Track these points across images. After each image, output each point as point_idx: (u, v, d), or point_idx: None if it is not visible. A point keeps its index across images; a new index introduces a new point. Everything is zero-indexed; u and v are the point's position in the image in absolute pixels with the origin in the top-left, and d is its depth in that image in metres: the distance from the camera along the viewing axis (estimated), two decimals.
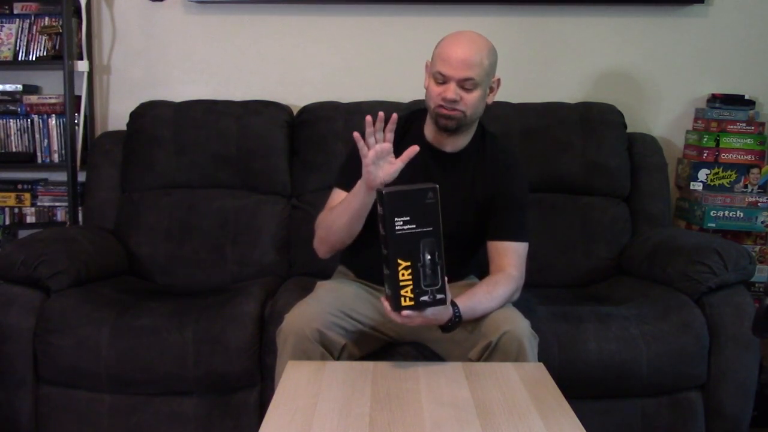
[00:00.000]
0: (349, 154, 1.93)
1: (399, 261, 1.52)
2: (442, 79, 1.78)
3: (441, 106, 1.79)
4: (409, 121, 1.95)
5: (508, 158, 1.93)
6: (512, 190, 1.89)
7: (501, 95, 2.68)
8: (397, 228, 1.51)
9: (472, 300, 1.73)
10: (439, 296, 1.56)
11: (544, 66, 2.84)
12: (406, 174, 1.77)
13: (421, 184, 1.55)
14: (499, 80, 1.88)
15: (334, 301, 1.80)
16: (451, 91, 1.76)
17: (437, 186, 1.54)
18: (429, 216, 1.53)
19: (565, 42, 2.83)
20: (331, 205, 1.91)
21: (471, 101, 1.78)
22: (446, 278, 1.58)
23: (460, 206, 1.88)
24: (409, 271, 1.53)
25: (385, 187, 1.53)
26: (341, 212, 1.81)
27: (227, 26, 2.85)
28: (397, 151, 1.89)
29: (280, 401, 1.40)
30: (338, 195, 1.91)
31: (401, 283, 1.53)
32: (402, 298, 1.54)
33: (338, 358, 1.73)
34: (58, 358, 2.05)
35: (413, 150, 1.70)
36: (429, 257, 1.53)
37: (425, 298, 1.54)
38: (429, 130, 1.91)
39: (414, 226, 1.52)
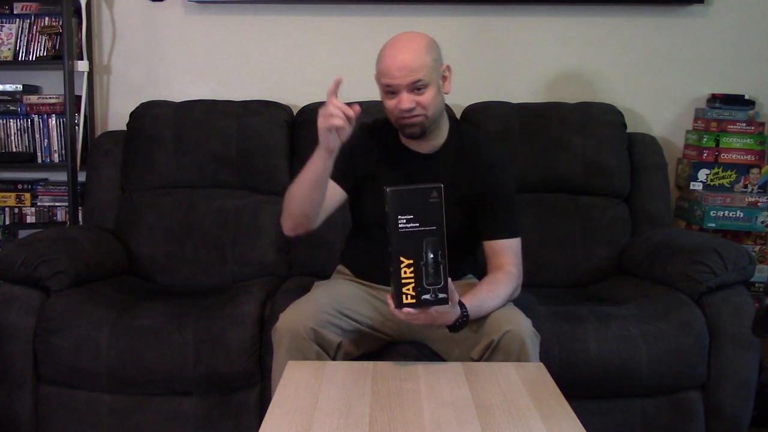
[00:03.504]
0: (337, 161, 1.93)
1: (401, 259, 1.52)
2: (392, 90, 1.77)
3: (402, 117, 1.78)
4: (383, 128, 1.93)
5: (491, 154, 1.90)
6: (499, 187, 1.87)
7: (501, 95, 2.72)
8: (400, 226, 1.51)
9: (477, 298, 1.72)
10: (441, 295, 1.56)
11: (544, 66, 2.84)
12: (385, 181, 1.72)
13: (426, 183, 1.55)
14: (448, 67, 1.84)
15: (330, 300, 1.80)
16: (405, 100, 1.75)
17: (442, 186, 1.53)
18: (433, 215, 1.52)
19: (565, 42, 2.83)
20: None
21: (427, 101, 1.76)
22: (449, 278, 1.58)
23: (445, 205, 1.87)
24: (412, 269, 1.53)
25: (390, 186, 1.53)
26: (302, 180, 1.78)
27: (227, 26, 2.85)
28: (377, 160, 1.89)
29: (280, 401, 1.40)
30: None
31: (403, 281, 1.53)
32: (404, 296, 1.54)
33: (334, 357, 1.72)
34: (58, 358, 2.05)
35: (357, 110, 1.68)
36: (432, 256, 1.53)
37: (427, 296, 1.54)
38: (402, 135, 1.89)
39: (417, 224, 1.52)
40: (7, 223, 2.86)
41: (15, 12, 2.84)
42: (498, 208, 1.87)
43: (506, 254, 1.85)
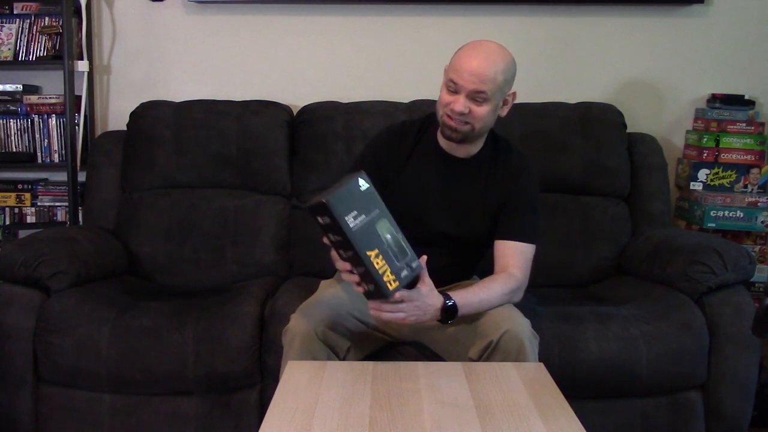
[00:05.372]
0: (363, 155, 1.95)
1: (368, 253, 1.52)
2: (454, 88, 1.76)
3: (449, 116, 1.78)
4: (422, 127, 1.94)
5: (521, 162, 1.92)
6: (522, 192, 1.88)
7: None
8: (351, 225, 1.51)
9: (467, 291, 1.73)
10: (414, 264, 1.58)
11: (544, 66, 2.84)
12: (419, 179, 1.81)
13: (347, 176, 1.56)
14: (514, 94, 1.85)
15: (340, 301, 1.80)
16: (461, 103, 1.74)
17: (363, 171, 1.56)
18: (370, 201, 1.54)
19: (565, 42, 2.83)
20: None
21: (480, 114, 1.76)
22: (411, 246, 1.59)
23: (472, 211, 1.88)
24: (381, 257, 1.53)
25: (313, 196, 1.52)
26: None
27: (227, 26, 2.85)
28: (412, 157, 1.89)
29: (280, 401, 1.40)
30: None
31: (380, 271, 1.53)
32: (387, 284, 1.54)
33: (343, 359, 1.73)
34: (58, 358, 2.05)
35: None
36: (389, 237, 1.55)
37: (405, 272, 1.56)
38: (441, 137, 1.90)
39: (364, 216, 1.52)
40: (7, 223, 2.86)
41: (15, 12, 2.84)
42: (516, 211, 1.87)
43: (514, 257, 1.83)
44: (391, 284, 1.54)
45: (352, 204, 1.50)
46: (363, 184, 1.53)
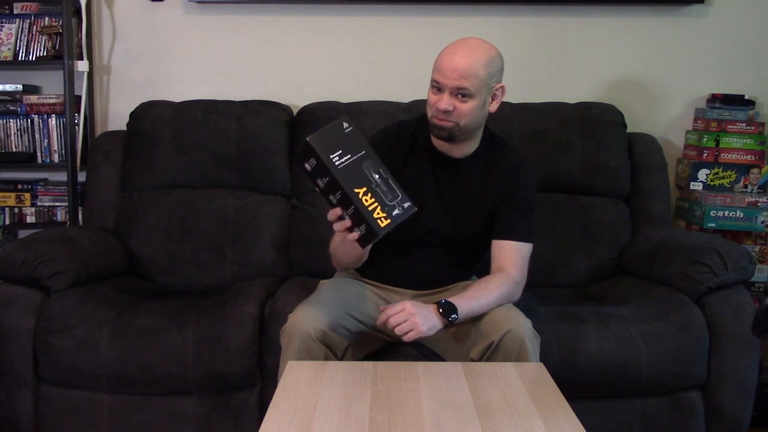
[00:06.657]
0: None
1: (356, 190, 1.54)
2: (438, 87, 1.77)
3: (434, 115, 1.79)
4: (417, 128, 1.94)
5: (517, 160, 1.92)
6: (519, 190, 1.88)
7: None
8: (337, 163, 1.53)
9: (464, 295, 1.74)
10: (406, 204, 1.59)
11: (544, 66, 2.84)
12: (415, 180, 1.81)
13: (332, 122, 1.58)
14: (503, 87, 1.83)
15: (338, 301, 1.80)
16: (444, 101, 1.75)
17: (347, 116, 1.58)
18: (355, 143, 1.56)
19: (565, 42, 2.83)
20: None
21: (465, 111, 1.76)
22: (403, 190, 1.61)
23: (469, 210, 1.88)
24: (369, 194, 1.55)
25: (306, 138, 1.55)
26: (344, 255, 1.85)
27: (227, 26, 2.85)
28: (408, 158, 1.89)
29: (280, 401, 1.40)
30: None
31: (370, 209, 1.55)
32: (378, 220, 1.55)
33: (341, 359, 1.73)
34: (58, 358, 2.05)
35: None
36: (377, 176, 1.57)
37: (396, 211, 1.57)
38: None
39: (349, 156, 1.55)
40: (7, 223, 2.86)
41: (15, 12, 2.84)
42: (512, 210, 1.87)
43: (511, 256, 1.84)
44: (381, 221, 1.55)
45: (336, 144, 1.53)
46: (347, 126, 1.57)
